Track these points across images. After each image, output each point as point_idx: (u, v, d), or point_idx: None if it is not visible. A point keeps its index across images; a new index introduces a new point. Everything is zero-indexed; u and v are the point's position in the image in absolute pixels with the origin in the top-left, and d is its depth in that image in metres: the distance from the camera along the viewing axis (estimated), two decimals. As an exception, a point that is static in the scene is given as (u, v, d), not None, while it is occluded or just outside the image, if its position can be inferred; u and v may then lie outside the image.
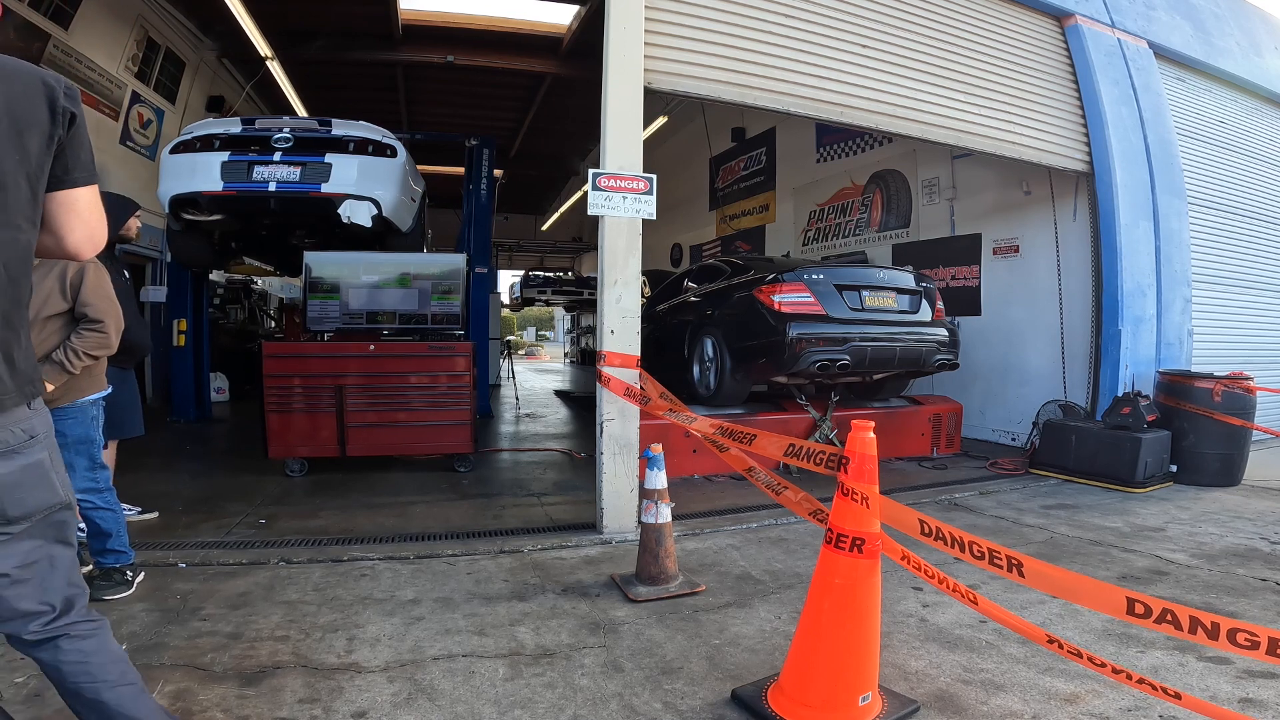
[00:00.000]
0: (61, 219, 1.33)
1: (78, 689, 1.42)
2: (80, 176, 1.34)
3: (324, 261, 5.69)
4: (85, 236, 1.37)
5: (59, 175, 1.31)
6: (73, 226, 1.34)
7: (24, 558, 1.34)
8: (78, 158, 1.33)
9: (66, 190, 1.32)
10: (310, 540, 3.81)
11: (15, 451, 1.28)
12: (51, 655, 1.40)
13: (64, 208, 1.32)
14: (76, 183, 1.33)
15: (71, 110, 1.29)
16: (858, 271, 6.00)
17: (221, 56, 9.51)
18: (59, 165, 1.30)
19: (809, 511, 2.79)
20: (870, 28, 5.18)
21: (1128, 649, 2.57)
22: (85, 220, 1.36)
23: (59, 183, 1.31)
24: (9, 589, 1.33)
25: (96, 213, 1.38)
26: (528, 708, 2.15)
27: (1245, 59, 7.82)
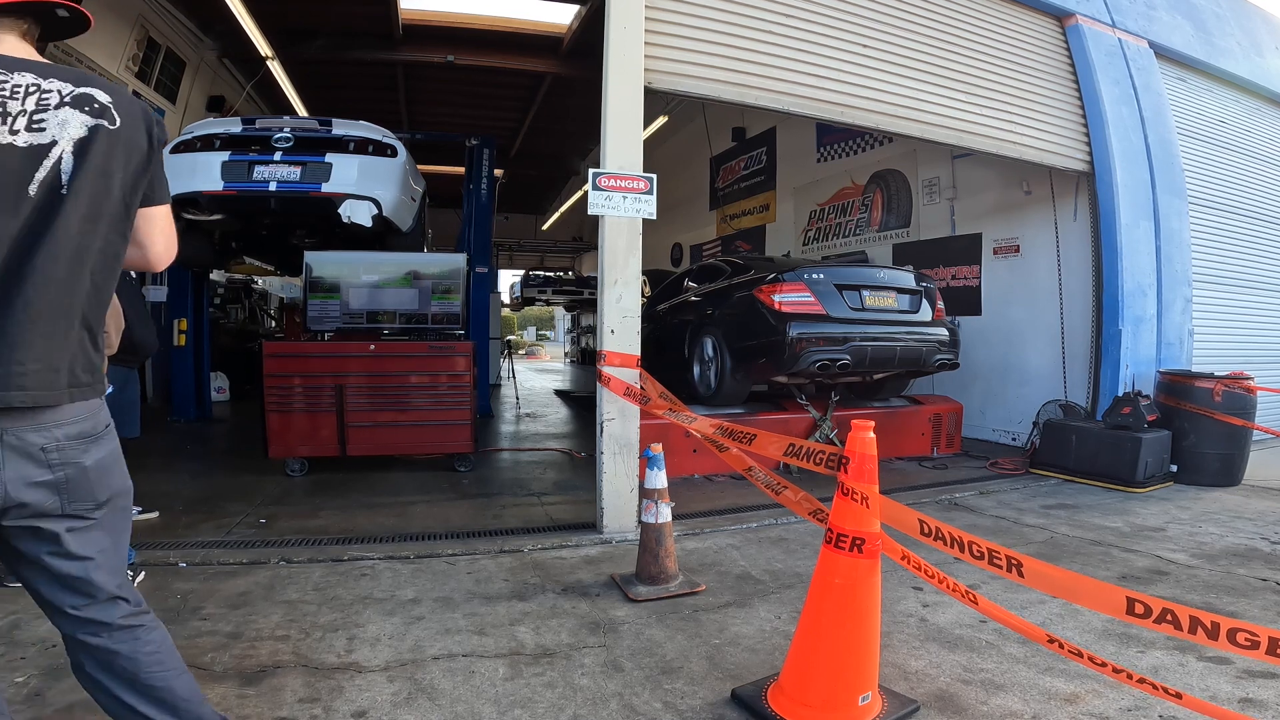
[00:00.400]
0: (146, 231, 1.51)
1: (150, 679, 1.46)
2: (162, 195, 1.53)
3: (324, 261, 5.69)
4: (165, 248, 1.56)
5: (147, 194, 1.48)
6: (155, 239, 1.54)
7: (102, 542, 1.44)
8: (161, 179, 1.51)
9: (153, 207, 1.50)
10: (310, 540, 3.81)
11: (103, 438, 1.43)
12: (131, 646, 1.45)
13: (148, 222, 1.50)
14: (160, 200, 1.52)
15: (161, 138, 1.49)
16: (858, 271, 6.00)
17: (222, 56, 9.49)
18: (147, 185, 1.47)
19: (809, 511, 2.79)
20: (871, 27, 5.18)
21: (1128, 649, 2.57)
22: (165, 233, 1.56)
23: (148, 200, 1.48)
24: (95, 572, 1.41)
25: (172, 227, 1.58)
26: (528, 707, 2.15)
27: (1246, 59, 7.81)
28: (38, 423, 1.31)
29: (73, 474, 1.36)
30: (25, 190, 1.28)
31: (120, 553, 1.50)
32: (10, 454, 1.28)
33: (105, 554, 1.44)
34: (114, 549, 1.47)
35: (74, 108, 1.35)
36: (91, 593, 1.42)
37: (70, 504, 1.36)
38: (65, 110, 1.34)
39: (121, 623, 1.44)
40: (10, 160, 1.28)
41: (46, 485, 1.33)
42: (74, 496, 1.37)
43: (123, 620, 1.45)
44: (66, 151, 1.33)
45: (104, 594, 1.43)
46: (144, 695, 1.45)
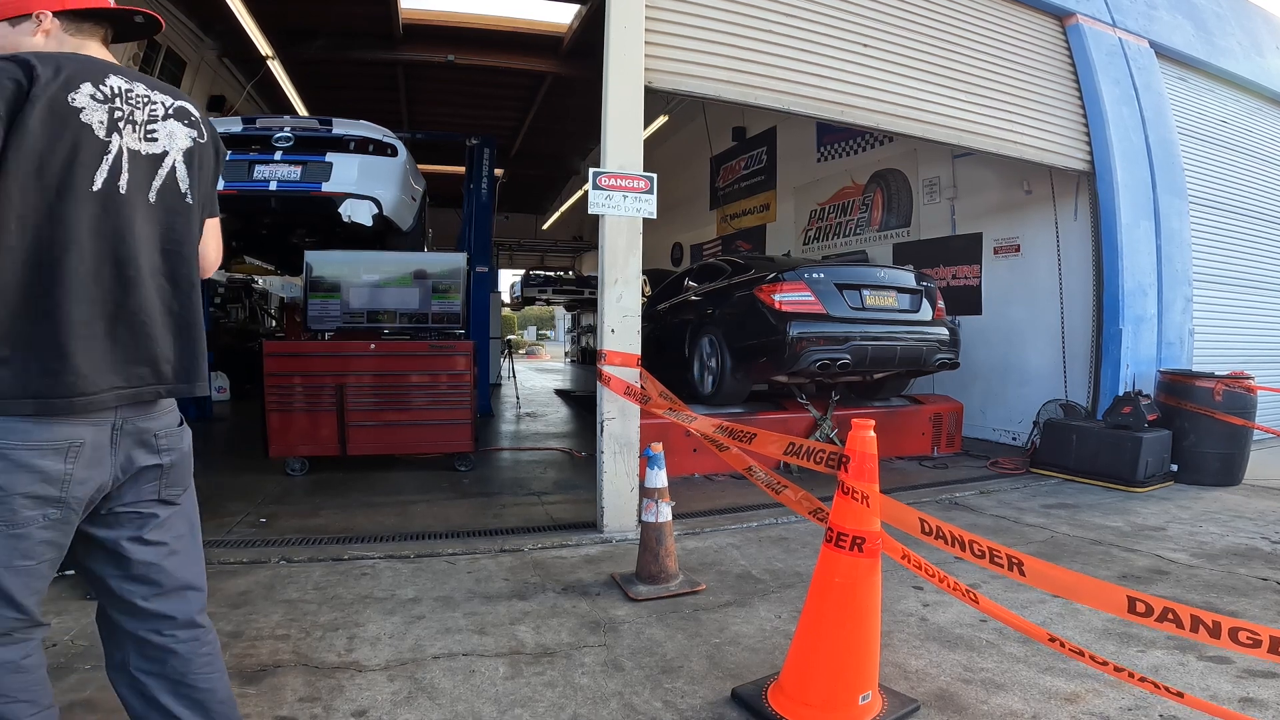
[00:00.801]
0: (207, 240, 1.60)
1: (195, 680, 1.47)
2: (217, 206, 1.62)
3: (325, 260, 5.69)
4: (216, 255, 1.66)
5: (208, 204, 1.57)
6: (211, 247, 1.63)
7: (179, 527, 1.49)
8: (215, 190, 1.60)
9: (212, 218, 1.60)
10: (311, 539, 3.81)
11: (186, 427, 1.53)
12: (192, 647, 1.47)
13: (210, 231, 1.60)
14: (216, 213, 1.62)
15: (225, 152, 1.64)
16: (858, 271, 6.00)
17: (222, 56, 9.48)
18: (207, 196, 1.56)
19: (809, 510, 2.79)
20: (872, 27, 5.17)
21: (1128, 648, 2.57)
22: (217, 242, 1.66)
23: (210, 211, 1.59)
24: (168, 559, 1.46)
25: (220, 236, 1.69)
26: (528, 706, 2.15)
27: (1247, 59, 7.81)
28: (150, 411, 1.40)
29: (176, 459, 1.46)
30: (146, 197, 1.38)
31: (197, 543, 1.55)
32: (126, 440, 1.36)
33: (181, 540, 1.49)
34: (190, 537, 1.52)
35: (177, 120, 1.45)
36: (161, 581, 1.44)
37: (167, 488, 1.45)
38: (171, 122, 1.44)
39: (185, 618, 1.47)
40: (140, 168, 1.37)
41: (153, 469, 1.41)
42: (171, 480, 1.46)
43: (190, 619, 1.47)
44: (178, 162, 1.44)
45: (173, 583, 1.46)
46: (183, 697, 1.46)
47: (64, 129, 1.25)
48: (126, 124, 1.35)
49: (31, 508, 1.24)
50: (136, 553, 1.41)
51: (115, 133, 1.32)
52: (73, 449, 1.27)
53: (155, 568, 1.43)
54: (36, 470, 1.23)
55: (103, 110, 1.31)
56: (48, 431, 1.24)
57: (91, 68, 1.32)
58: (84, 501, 1.31)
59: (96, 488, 1.32)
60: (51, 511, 1.26)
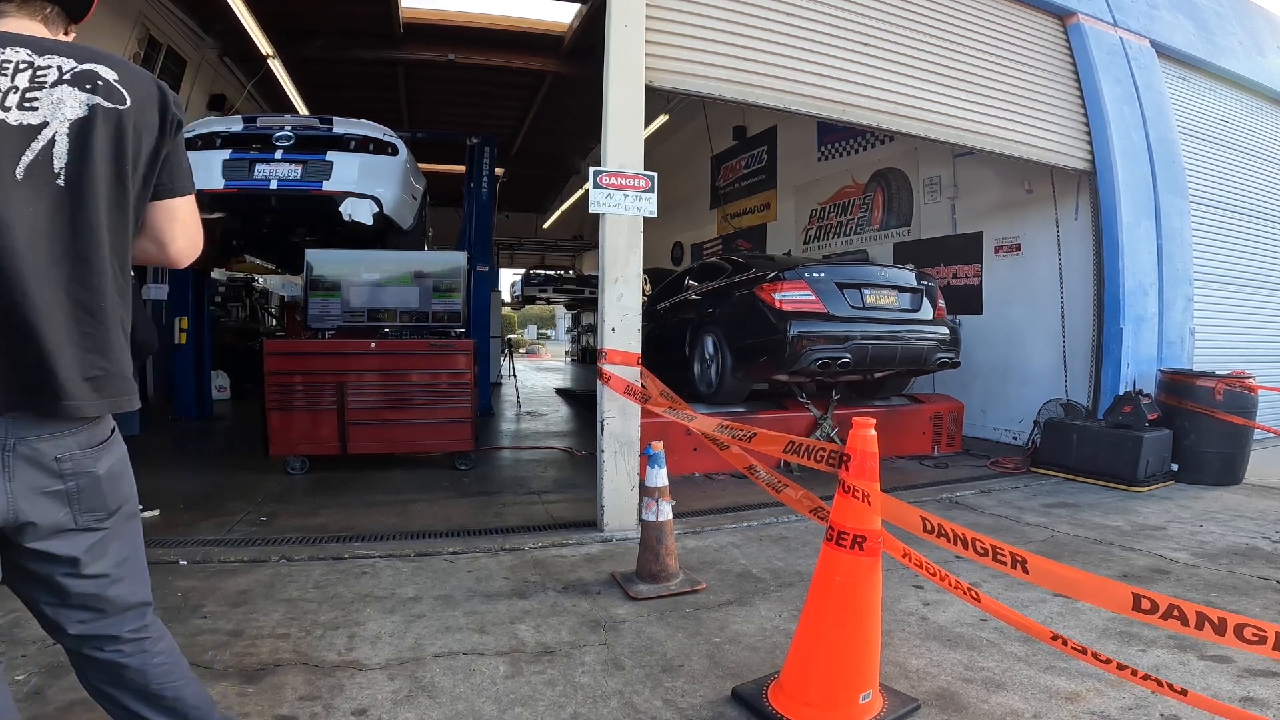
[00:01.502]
0: (164, 226, 1.38)
1: (160, 690, 1.41)
2: (184, 186, 1.39)
3: (325, 259, 5.69)
4: (187, 243, 1.42)
5: (165, 184, 1.34)
6: (175, 234, 1.40)
7: (119, 554, 1.36)
8: (180, 167, 1.37)
9: (172, 199, 1.37)
10: (311, 538, 3.81)
11: (112, 443, 1.34)
12: (140, 659, 1.39)
13: (167, 215, 1.37)
14: (180, 192, 1.38)
15: (179, 118, 1.34)
16: (859, 270, 6.00)
17: (223, 55, 9.48)
18: (164, 174, 1.34)
19: (810, 509, 2.79)
20: (873, 26, 5.17)
21: (1129, 647, 2.57)
22: (187, 227, 1.41)
23: (165, 191, 1.35)
24: (111, 589, 1.35)
25: (195, 221, 1.43)
26: (528, 705, 2.15)
27: (1248, 58, 7.80)
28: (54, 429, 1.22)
29: (85, 483, 1.28)
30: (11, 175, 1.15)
31: (140, 563, 1.44)
32: (20, 464, 1.19)
33: (124, 566, 1.37)
34: (133, 560, 1.41)
35: (73, 85, 1.22)
36: (102, 608, 1.34)
37: (82, 515, 1.28)
38: (63, 88, 1.21)
39: (129, 635, 1.38)
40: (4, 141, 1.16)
41: (57, 496, 1.24)
42: (86, 506, 1.29)
43: (130, 634, 1.38)
44: (60, 134, 1.19)
45: (116, 608, 1.36)
46: (154, 704, 1.41)
47: None
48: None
49: None
50: (76, 586, 1.30)
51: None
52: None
53: (96, 598, 1.33)
54: None
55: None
56: None
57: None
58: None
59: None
60: None
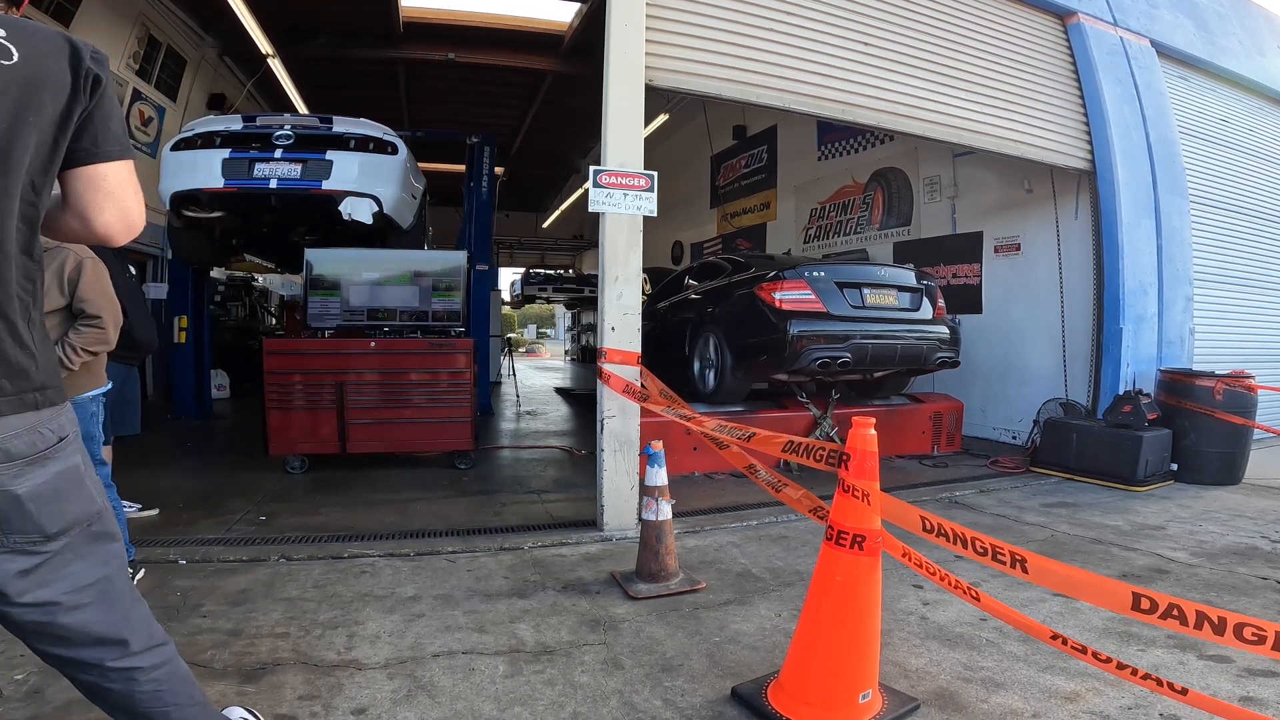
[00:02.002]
0: (88, 197, 1.20)
1: (148, 710, 1.34)
2: (111, 150, 1.20)
3: (325, 258, 5.68)
4: (117, 217, 1.22)
5: (86, 148, 1.18)
6: (101, 206, 1.20)
7: (74, 581, 1.22)
8: (107, 129, 1.20)
9: (94, 165, 1.19)
10: (311, 537, 3.81)
11: (48, 457, 1.17)
12: (125, 685, 1.30)
13: (90, 184, 1.19)
14: (105, 157, 1.20)
15: (96, 73, 1.17)
16: (859, 269, 5.99)
17: (223, 54, 9.49)
18: (85, 137, 1.17)
19: (810, 509, 2.79)
20: (873, 26, 5.17)
21: (1128, 647, 2.57)
22: (117, 199, 1.22)
23: (86, 156, 1.18)
24: (67, 616, 1.21)
25: (130, 191, 1.24)
26: (527, 705, 2.15)
27: (1248, 58, 7.80)
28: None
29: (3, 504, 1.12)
30: None
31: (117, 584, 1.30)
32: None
33: (82, 593, 1.22)
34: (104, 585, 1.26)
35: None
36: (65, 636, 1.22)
37: (7, 538, 1.13)
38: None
39: (112, 666, 1.27)
40: None
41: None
42: (9, 529, 1.13)
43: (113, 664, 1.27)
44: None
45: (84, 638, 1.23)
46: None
47: None
48: None
49: None
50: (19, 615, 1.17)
51: None
52: None
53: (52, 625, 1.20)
54: None
55: None
56: None
57: None
58: None
59: None
60: None
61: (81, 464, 1.24)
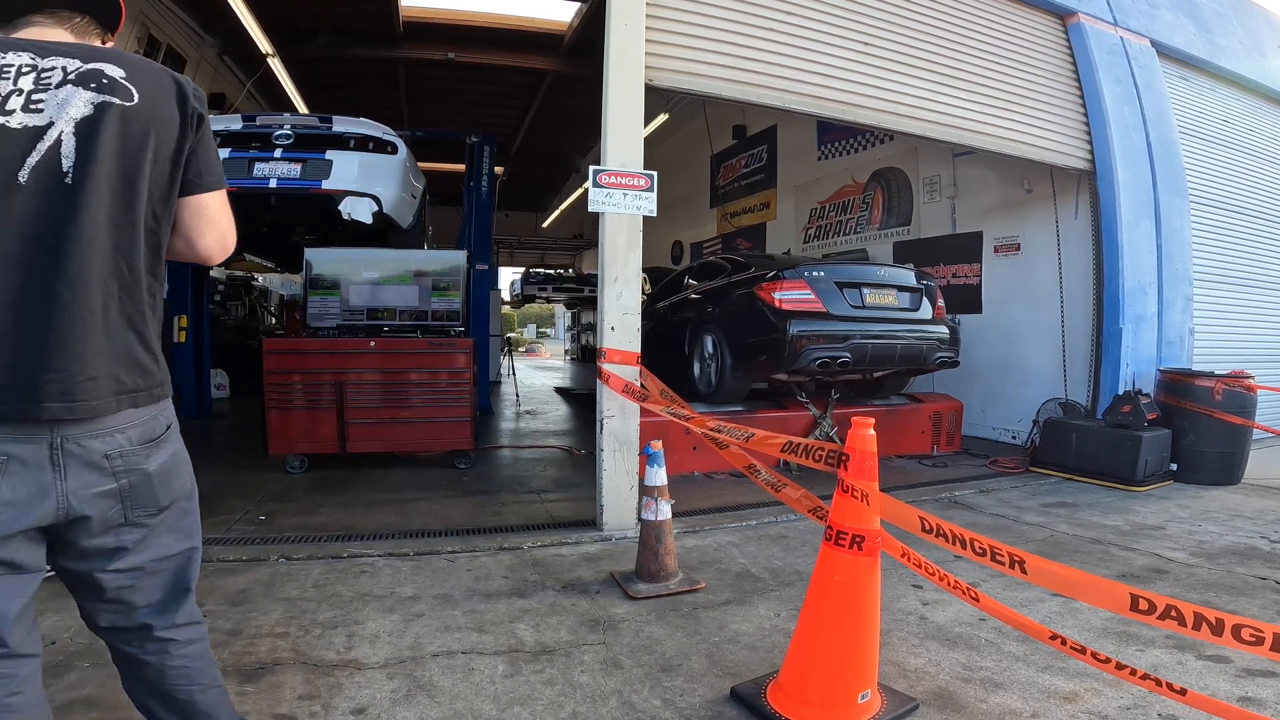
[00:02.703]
0: (193, 224, 1.36)
1: (172, 690, 1.41)
2: (210, 181, 1.36)
3: (324, 258, 5.68)
4: (215, 241, 1.41)
5: (191, 180, 1.33)
6: (203, 231, 1.38)
7: (161, 550, 1.36)
8: (208, 161, 1.35)
9: (198, 195, 1.35)
10: (310, 537, 3.82)
11: (164, 440, 1.34)
12: (159, 657, 1.40)
13: (195, 212, 1.35)
14: (208, 187, 1.36)
15: (200, 111, 1.31)
16: (859, 269, 6.00)
17: (222, 54, 9.47)
18: (190, 170, 1.32)
19: (809, 509, 2.79)
20: (873, 26, 5.17)
21: (1127, 647, 2.57)
22: (216, 225, 1.40)
23: (191, 187, 1.33)
24: (144, 580, 1.35)
25: (226, 217, 1.42)
26: (527, 704, 2.15)
27: (1248, 58, 7.80)
28: (98, 429, 1.23)
29: (136, 480, 1.28)
30: (14, 177, 1.14)
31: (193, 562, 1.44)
32: (73, 463, 1.20)
33: (163, 561, 1.37)
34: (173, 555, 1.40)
35: (78, 85, 1.20)
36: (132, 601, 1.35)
37: (133, 511, 1.30)
38: (68, 89, 1.20)
39: (159, 634, 1.39)
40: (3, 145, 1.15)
41: (109, 495, 1.25)
42: (136, 503, 1.30)
43: (161, 632, 1.39)
44: (66, 134, 1.18)
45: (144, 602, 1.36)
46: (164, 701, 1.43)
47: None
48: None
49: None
50: (110, 581, 1.31)
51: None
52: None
53: (129, 590, 1.34)
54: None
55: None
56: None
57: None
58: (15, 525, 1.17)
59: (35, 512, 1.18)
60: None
61: (183, 447, 1.42)
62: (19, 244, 1.14)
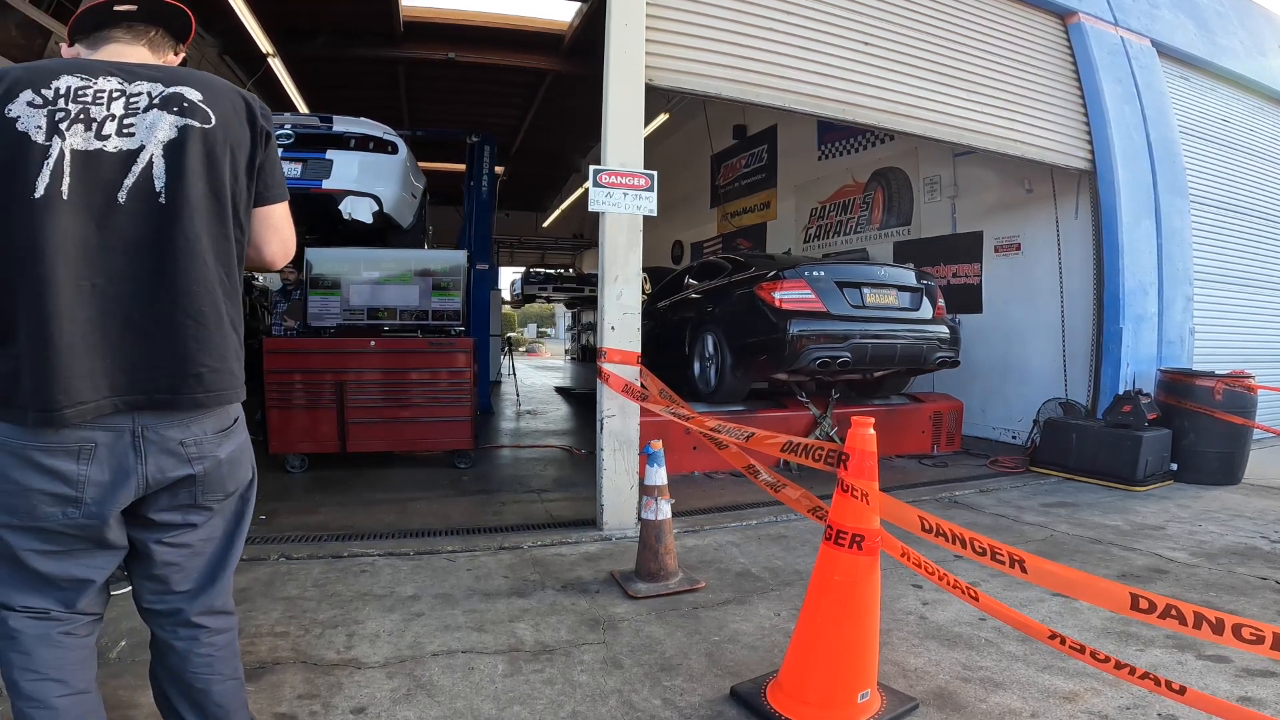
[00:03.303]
0: (260, 232, 1.48)
1: (192, 677, 1.47)
2: (276, 193, 1.48)
3: (325, 258, 5.68)
4: (279, 247, 1.53)
5: (260, 192, 1.44)
6: (268, 239, 1.50)
7: (210, 531, 1.46)
8: (274, 174, 1.47)
9: (266, 206, 1.47)
10: (310, 536, 3.81)
11: (235, 431, 1.46)
12: (188, 644, 1.46)
13: (262, 222, 1.47)
14: (275, 199, 1.48)
15: (268, 129, 1.43)
16: (859, 269, 6.00)
17: (223, 54, 9.46)
18: (260, 183, 1.44)
19: (809, 508, 2.79)
20: (874, 25, 5.16)
21: (1127, 647, 2.57)
22: (280, 233, 1.52)
23: (259, 199, 1.45)
24: (190, 559, 1.44)
25: (288, 225, 1.54)
26: (527, 704, 2.15)
27: (1249, 58, 7.79)
28: (177, 418, 1.34)
29: (210, 467, 1.39)
30: (115, 198, 1.26)
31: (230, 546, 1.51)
32: (151, 449, 1.32)
33: (210, 543, 1.46)
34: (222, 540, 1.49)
35: (163, 109, 1.31)
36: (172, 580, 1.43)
37: (204, 495, 1.41)
38: (154, 113, 1.30)
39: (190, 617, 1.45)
40: (102, 168, 1.25)
41: (186, 479, 1.37)
42: (208, 487, 1.41)
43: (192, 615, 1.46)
44: (156, 155, 1.29)
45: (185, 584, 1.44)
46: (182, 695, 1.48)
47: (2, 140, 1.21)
48: (74, 123, 1.24)
49: (50, 504, 1.26)
50: (161, 554, 1.41)
51: (56, 135, 1.23)
52: (84, 451, 1.27)
53: (174, 567, 1.43)
54: (48, 469, 1.25)
55: (40, 114, 1.23)
56: (57, 435, 1.25)
57: (39, 72, 1.26)
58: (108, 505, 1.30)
59: (121, 493, 1.30)
60: (71, 510, 1.27)
61: (248, 438, 1.52)
62: (125, 260, 1.26)
